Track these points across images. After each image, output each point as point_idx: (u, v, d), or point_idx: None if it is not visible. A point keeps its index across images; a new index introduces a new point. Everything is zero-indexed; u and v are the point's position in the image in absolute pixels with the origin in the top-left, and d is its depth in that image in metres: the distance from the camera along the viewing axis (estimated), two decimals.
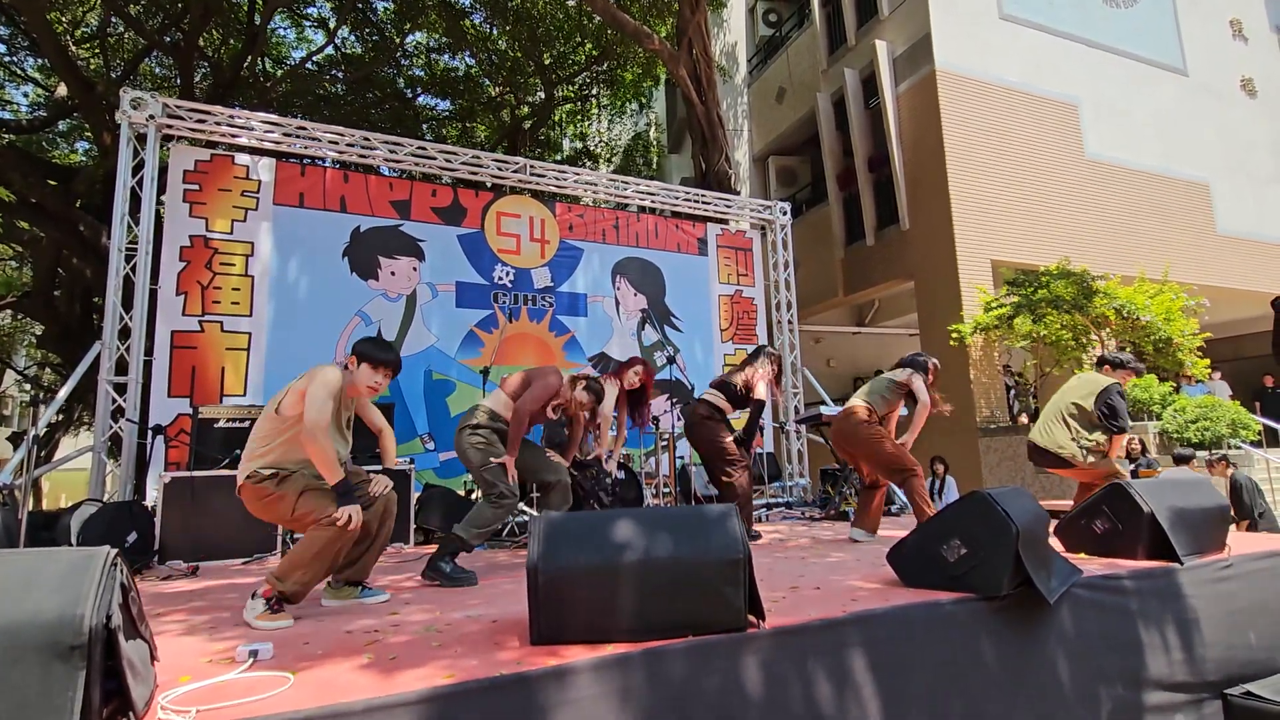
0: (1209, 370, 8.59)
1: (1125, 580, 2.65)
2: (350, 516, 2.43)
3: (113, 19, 11.31)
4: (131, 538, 3.98)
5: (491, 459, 3.31)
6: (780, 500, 7.05)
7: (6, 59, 11.64)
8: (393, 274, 6.25)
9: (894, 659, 2.08)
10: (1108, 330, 8.07)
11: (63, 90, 10.98)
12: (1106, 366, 4.11)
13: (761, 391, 4.24)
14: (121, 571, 1.53)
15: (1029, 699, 2.27)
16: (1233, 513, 5.17)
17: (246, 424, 4.86)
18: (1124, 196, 10.42)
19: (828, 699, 1.93)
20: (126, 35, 12.22)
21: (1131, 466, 7.16)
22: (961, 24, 9.75)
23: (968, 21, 9.82)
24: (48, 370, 17.45)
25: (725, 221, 8.51)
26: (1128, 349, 8.58)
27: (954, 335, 8.61)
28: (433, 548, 3.58)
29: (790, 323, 8.09)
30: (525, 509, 4.80)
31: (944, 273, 9.19)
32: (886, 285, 10.38)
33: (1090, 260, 9.04)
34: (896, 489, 6.96)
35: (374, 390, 2.72)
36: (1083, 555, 3.10)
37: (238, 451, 4.50)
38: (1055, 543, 3.03)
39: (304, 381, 2.56)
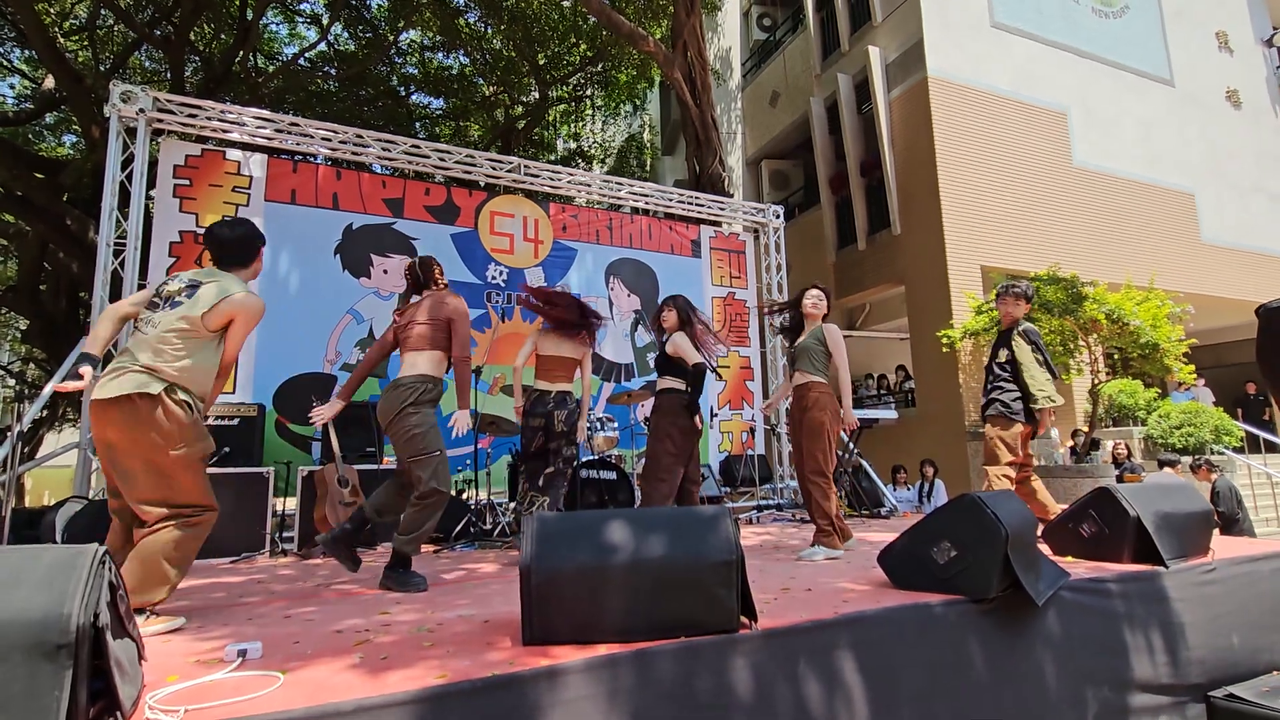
0: (1194, 376, 8.69)
1: (1111, 583, 2.67)
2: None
3: (102, 11, 11.20)
4: None
5: (436, 449, 2.89)
6: (771, 502, 7.08)
7: None
8: (385, 272, 6.22)
9: (884, 660, 2.10)
10: (1096, 335, 8.14)
11: (50, 83, 10.86)
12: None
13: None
14: (110, 569, 1.51)
15: (1016, 700, 2.29)
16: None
17: (236, 421, 4.83)
18: (1111, 204, 10.54)
19: (818, 700, 1.94)
20: (116, 28, 12.10)
21: (1116, 471, 7.24)
22: (953, 31, 9.83)
23: (959, 29, 9.90)
24: (32, 365, 17.23)
25: (718, 224, 8.53)
26: (1116, 355, 8.68)
27: (944, 340, 8.67)
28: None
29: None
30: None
31: (934, 277, 9.26)
32: (877, 289, 10.44)
33: (1077, 266, 9.12)
34: (885, 491, 7.01)
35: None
36: (1070, 558, 3.13)
37: (226, 449, 4.47)
38: (1043, 546, 3.06)
39: (223, 302, 2.37)
